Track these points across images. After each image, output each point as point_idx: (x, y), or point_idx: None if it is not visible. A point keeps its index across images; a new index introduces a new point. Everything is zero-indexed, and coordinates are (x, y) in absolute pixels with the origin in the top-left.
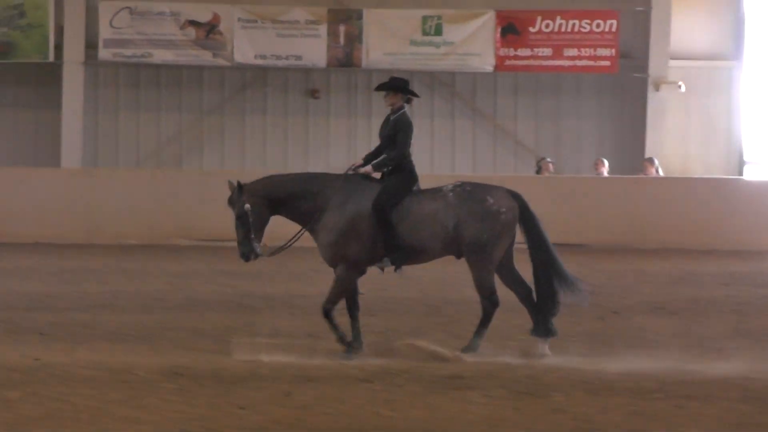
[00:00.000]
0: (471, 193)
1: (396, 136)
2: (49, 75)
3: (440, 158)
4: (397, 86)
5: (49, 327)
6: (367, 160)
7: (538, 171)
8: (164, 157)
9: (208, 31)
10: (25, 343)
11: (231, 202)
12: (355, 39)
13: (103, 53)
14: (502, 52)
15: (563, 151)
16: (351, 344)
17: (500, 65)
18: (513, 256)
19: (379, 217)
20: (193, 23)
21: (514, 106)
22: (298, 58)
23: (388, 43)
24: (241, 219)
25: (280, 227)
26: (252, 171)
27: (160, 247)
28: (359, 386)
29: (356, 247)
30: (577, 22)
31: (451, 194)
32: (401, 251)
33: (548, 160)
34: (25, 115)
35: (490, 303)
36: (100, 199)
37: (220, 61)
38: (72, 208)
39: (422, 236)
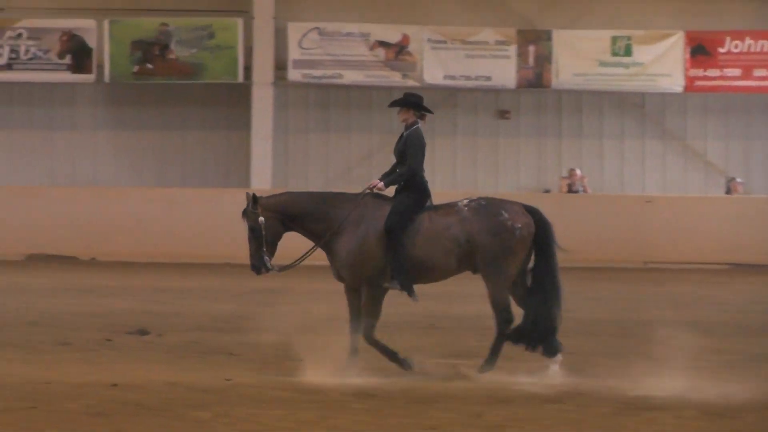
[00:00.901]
0: (486, 207)
1: (407, 152)
2: (239, 96)
3: (630, 178)
4: (410, 102)
5: (238, 347)
6: (384, 178)
7: (728, 191)
8: (354, 178)
9: (398, 52)
10: (215, 363)
11: (245, 213)
12: (544, 60)
13: (293, 74)
14: (692, 72)
15: (753, 171)
16: (404, 360)
17: (690, 86)
18: (527, 275)
19: (392, 238)
20: (382, 44)
21: (704, 127)
22: (488, 78)
23: (577, 63)
24: (254, 232)
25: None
26: (442, 192)
27: None
28: (549, 407)
29: (373, 266)
30: (766, 42)
31: (465, 209)
32: (408, 274)
33: (738, 180)
34: (215, 136)
35: (503, 320)
36: None
37: (410, 82)
38: None
39: (434, 253)
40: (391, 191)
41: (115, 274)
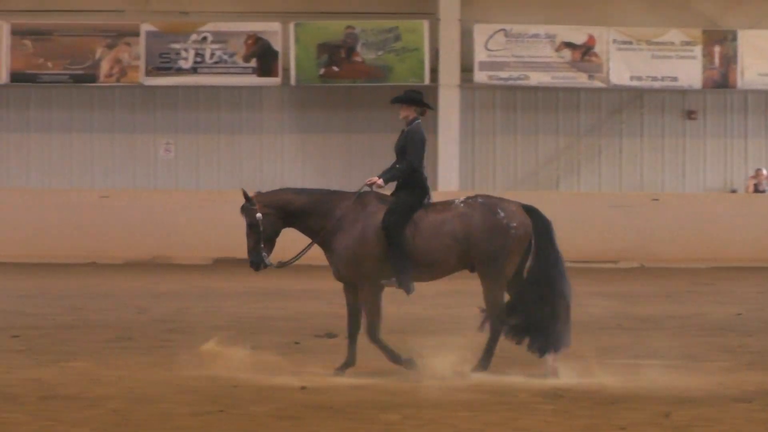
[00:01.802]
0: (483, 205)
1: (407, 148)
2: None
3: None
4: (411, 99)
5: (424, 349)
6: (383, 175)
7: None
8: (541, 180)
9: (584, 53)
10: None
11: (243, 209)
12: (729, 60)
13: (479, 76)
14: None
15: None
16: (408, 360)
17: None
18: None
19: (390, 236)
20: (568, 45)
21: None
22: (674, 79)
23: (762, 63)
24: (252, 228)
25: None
26: (631, 193)
27: None
28: (737, 406)
29: (370, 265)
30: None
31: (462, 206)
32: (409, 269)
33: None
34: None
35: (498, 320)
36: None
37: (596, 83)
38: None
39: (433, 250)
40: (390, 188)
41: (302, 277)
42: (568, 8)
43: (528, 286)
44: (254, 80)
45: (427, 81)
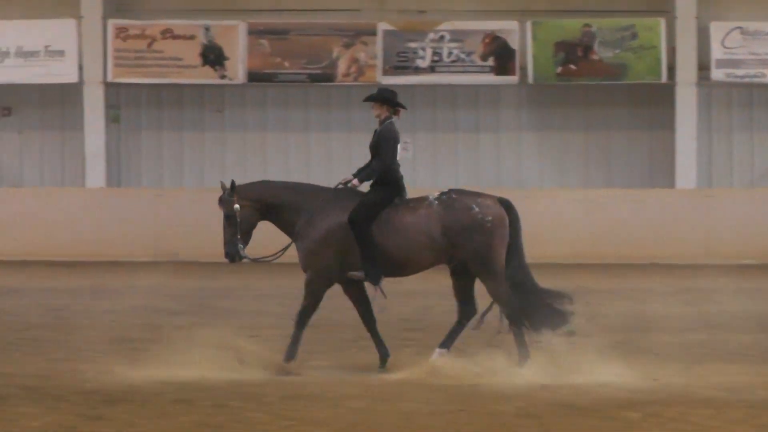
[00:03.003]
0: (457, 201)
1: (378, 147)
2: (661, 96)
3: None
4: (383, 98)
5: (664, 347)
6: (357, 174)
7: None
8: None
9: None
10: (642, 363)
11: (221, 200)
12: None
13: (716, 74)
14: None
15: None
16: (293, 357)
17: None
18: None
19: (356, 229)
20: None
21: None
22: None
23: None
24: (229, 219)
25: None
26: None
27: None
28: None
29: (326, 258)
30: None
31: (436, 202)
32: (378, 266)
33: None
34: (637, 136)
35: (513, 312)
36: (717, 218)
37: None
38: (688, 227)
39: (407, 248)
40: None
41: (540, 275)
42: None
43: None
44: (491, 79)
45: (664, 79)
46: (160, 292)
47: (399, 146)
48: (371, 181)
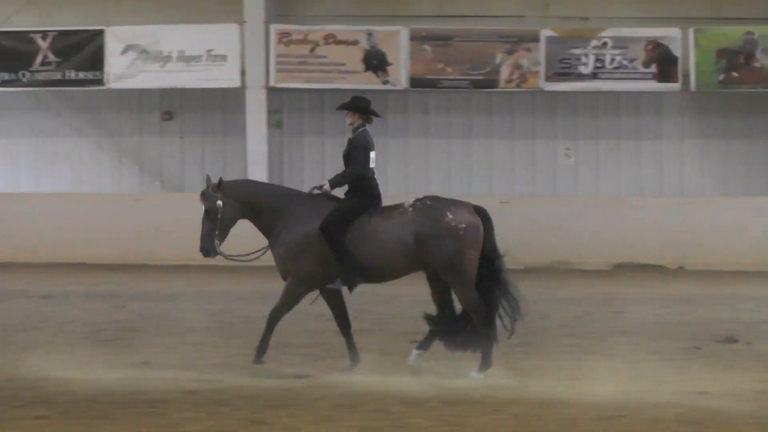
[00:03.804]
0: (431, 208)
1: (350, 155)
2: None
3: None
4: (355, 106)
5: None
6: (330, 180)
7: None
8: None
9: None
10: None
11: (203, 195)
12: None
13: None
14: None
15: None
16: (262, 356)
17: None
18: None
19: (327, 236)
20: None
21: None
22: None
23: None
24: (210, 215)
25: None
26: None
27: None
28: None
29: (306, 264)
30: None
31: (410, 210)
32: (353, 272)
33: None
34: None
35: (483, 319)
36: None
37: None
38: None
39: (380, 255)
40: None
41: (703, 282)
42: None
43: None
44: (654, 86)
45: None
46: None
47: (373, 154)
48: (347, 188)
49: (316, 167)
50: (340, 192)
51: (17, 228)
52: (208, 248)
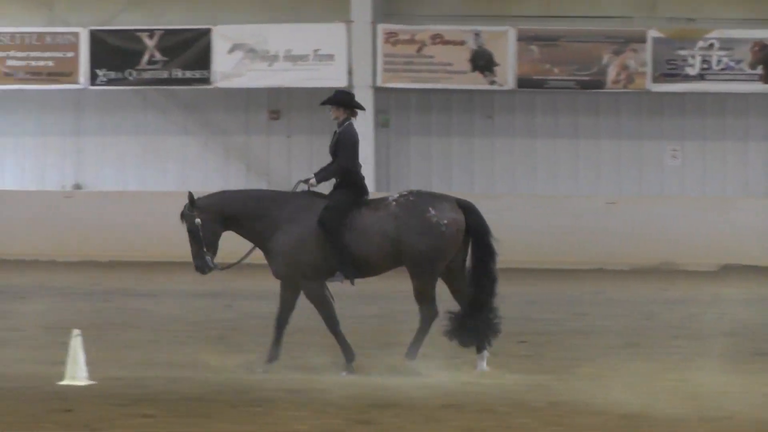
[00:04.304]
0: (414, 203)
1: (338, 149)
2: None
3: None
4: (339, 100)
5: None
6: (317, 175)
7: None
8: None
9: None
10: None
11: (183, 215)
12: None
13: None
14: None
15: None
16: (351, 362)
17: None
18: (465, 268)
19: (327, 231)
20: None
21: None
22: None
23: None
24: (192, 233)
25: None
26: None
27: None
28: None
29: (308, 262)
30: None
31: (394, 204)
32: (351, 264)
33: None
34: None
35: (428, 315)
36: None
37: None
38: None
39: (368, 249)
40: (325, 189)
41: None
42: None
43: (470, 282)
44: (760, 87)
45: None
46: None
47: (359, 148)
48: (335, 183)
49: (423, 167)
50: (324, 188)
51: (124, 226)
52: (201, 266)
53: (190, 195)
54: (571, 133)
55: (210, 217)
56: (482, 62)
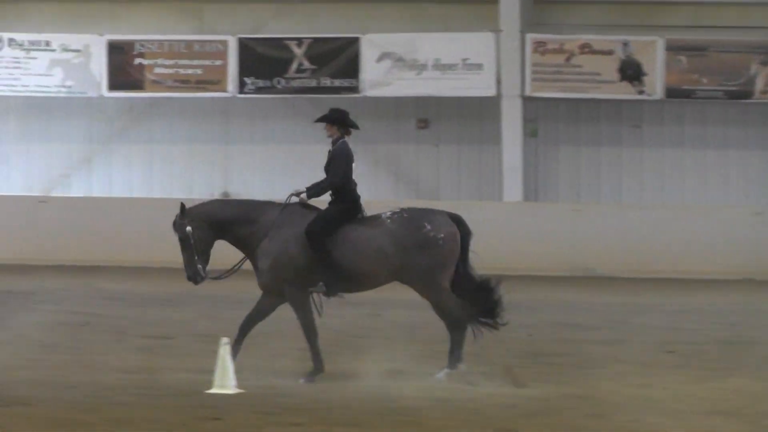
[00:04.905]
0: (409, 219)
1: (330, 166)
2: None
3: None
4: (334, 118)
5: None
6: (309, 188)
7: None
8: None
9: None
10: None
11: (174, 225)
12: None
13: None
14: None
15: None
16: (317, 373)
17: None
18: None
19: (312, 242)
20: None
21: None
22: None
23: None
24: (183, 242)
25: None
26: None
27: None
28: None
29: (292, 271)
30: None
31: (389, 221)
32: (336, 278)
33: None
34: None
35: (456, 323)
36: None
37: None
38: None
39: (361, 264)
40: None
41: None
42: None
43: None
44: None
45: None
46: (576, 306)
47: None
48: (330, 199)
49: (572, 177)
50: (317, 202)
51: None
52: (193, 275)
53: (182, 204)
54: (721, 143)
55: (201, 226)
56: (631, 72)
